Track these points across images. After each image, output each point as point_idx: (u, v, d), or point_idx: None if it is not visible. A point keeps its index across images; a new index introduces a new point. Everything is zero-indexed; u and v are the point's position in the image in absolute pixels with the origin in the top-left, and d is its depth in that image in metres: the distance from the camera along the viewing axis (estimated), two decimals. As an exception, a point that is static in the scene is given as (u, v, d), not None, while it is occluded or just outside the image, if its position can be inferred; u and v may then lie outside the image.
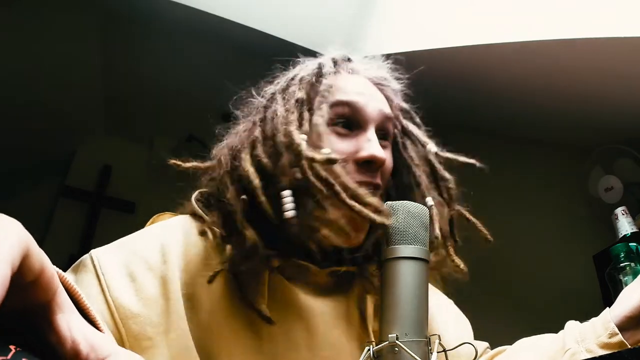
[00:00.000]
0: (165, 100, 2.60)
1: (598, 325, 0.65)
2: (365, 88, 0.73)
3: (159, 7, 1.88)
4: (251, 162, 0.65)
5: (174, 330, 0.59)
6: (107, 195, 2.87)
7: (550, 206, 1.95)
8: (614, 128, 1.64)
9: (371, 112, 0.70)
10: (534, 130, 1.93)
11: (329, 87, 0.69)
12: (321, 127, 0.66)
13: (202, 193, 0.73)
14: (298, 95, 0.69)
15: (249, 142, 0.68)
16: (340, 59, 0.77)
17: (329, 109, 0.68)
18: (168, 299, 0.60)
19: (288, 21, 1.87)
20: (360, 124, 0.69)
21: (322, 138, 0.66)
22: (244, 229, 0.62)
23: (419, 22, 1.69)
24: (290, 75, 0.75)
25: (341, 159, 0.63)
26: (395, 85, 0.79)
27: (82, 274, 0.61)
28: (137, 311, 0.58)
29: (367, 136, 0.68)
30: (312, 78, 0.71)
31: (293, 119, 0.66)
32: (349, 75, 0.75)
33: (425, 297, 0.54)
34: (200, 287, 0.63)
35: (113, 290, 0.59)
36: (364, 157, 0.66)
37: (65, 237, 2.69)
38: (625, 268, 1.22)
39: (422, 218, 0.58)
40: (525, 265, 2.04)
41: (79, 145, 2.90)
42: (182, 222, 0.69)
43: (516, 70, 1.60)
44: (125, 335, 0.57)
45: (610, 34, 1.21)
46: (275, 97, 0.72)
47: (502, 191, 2.13)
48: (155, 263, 0.62)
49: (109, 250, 0.64)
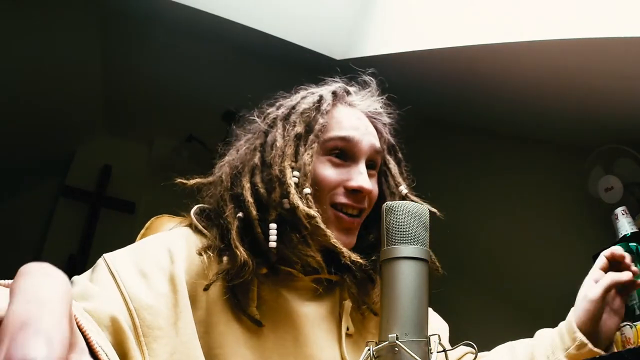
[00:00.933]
0: (165, 100, 2.60)
1: (565, 336, 0.72)
2: (360, 122, 0.81)
3: (159, 7, 1.88)
4: (250, 191, 0.74)
5: (182, 319, 0.64)
6: (107, 195, 2.87)
7: (550, 206, 1.95)
8: (614, 128, 1.64)
9: (364, 147, 0.78)
10: (534, 130, 1.93)
11: (324, 125, 0.78)
12: (313, 162, 0.75)
13: (202, 208, 0.80)
14: (297, 129, 0.77)
15: (249, 168, 0.77)
16: (340, 91, 0.84)
17: (326, 142, 0.78)
18: (176, 292, 0.66)
19: (288, 21, 1.87)
20: (353, 156, 0.78)
21: (315, 171, 0.76)
22: (237, 249, 0.70)
23: (419, 22, 1.69)
24: (292, 104, 0.82)
25: (333, 185, 0.75)
26: (386, 119, 0.87)
27: (97, 274, 0.65)
28: (150, 303, 0.63)
29: (358, 169, 0.77)
30: (312, 113, 0.79)
31: (289, 153, 0.75)
32: (346, 109, 0.83)
33: (425, 297, 0.54)
34: (200, 289, 0.69)
35: (127, 285, 0.63)
36: (354, 187, 0.76)
37: (65, 237, 2.69)
38: (625, 268, 1.22)
39: (422, 218, 0.58)
40: (525, 265, 2.04)
41: (79, 145, 2.91)
42: (184, 232, 0.76)
43: (516, 70, 1.60)
44: (139, 325, 0.60)
45: (610, 34, 1.21)
46: (276, 123, 0.80)
47: (500, 191, 2.13)
48: (163, 263, 0.68)
49: (119, 253, 0.69)
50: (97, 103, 2.70)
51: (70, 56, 2.22)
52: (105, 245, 0.74)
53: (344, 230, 0.76)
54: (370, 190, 0.77)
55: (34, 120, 2.37)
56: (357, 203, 0.76)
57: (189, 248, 0.72)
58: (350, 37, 1.87)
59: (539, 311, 1.88)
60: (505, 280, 2.12)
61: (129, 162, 2.97)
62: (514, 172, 2.06)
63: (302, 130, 0.77)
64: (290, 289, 0.74)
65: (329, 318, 0.75)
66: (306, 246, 0.72)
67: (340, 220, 0.75)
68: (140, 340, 0.59)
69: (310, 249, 0.72)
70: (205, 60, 2.29)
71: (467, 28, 1.52)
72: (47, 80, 2.23)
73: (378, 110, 0.86)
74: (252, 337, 0.69)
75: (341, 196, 0.76)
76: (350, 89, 0.87)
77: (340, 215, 0.75)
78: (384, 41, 1.76)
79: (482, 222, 2.14)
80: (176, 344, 0.62)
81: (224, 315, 0.69)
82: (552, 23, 1.32)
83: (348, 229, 0.76)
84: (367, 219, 0.81)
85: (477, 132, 2.10)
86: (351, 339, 0.75)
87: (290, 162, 0.75)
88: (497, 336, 0.88)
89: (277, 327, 0.71)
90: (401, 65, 1.70)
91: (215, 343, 0.67)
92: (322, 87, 0.87)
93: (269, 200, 0.73)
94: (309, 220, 0.70)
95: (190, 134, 2.68)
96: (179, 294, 0.66)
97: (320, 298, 0.76)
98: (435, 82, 1.84)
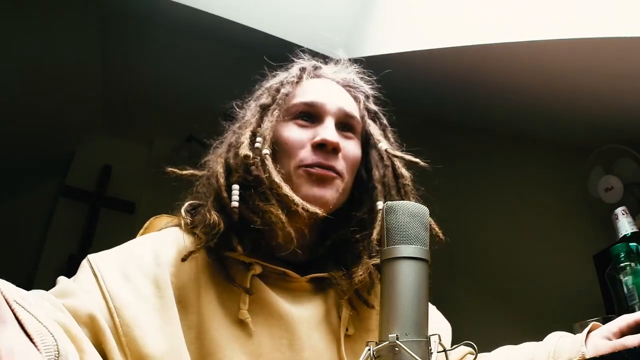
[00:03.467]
0: (165, 100, 2.60)
1: (575, 344, 0.69)
2: (326, 88, 0.82)
3: (159, 7, 1.88)
4: (223, 164, 0.75)
5: (170, 324, 0.63)
6: (107, 195, 2.87)
7: (550, 206, 1.95)
8: (614, 128, 1.64)
9: (329, 107, 0.78)
10: (534, 130, 1.93)
11: (286, 94, 0.80)
12: (276, 127, 0.77)
13: (192, 204, 0.80)
14: (262, 101, 0.80)
15: (226, 147, 0.79)
16: (309, 66, 0.86)
17: (291, 108, 0.79)
18: (162, 297, 0.65)
19: (288, 21, 1.87)
20: (318, 117, 0.78)
21: (280, 134, 0.77)
22: (208, 212, 0.71)
23: (419, 22, 1.69)
24: (265, 85, 0.85)
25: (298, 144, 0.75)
26: (364, 89, 0.87)
27: (80, 274, 0.65)
28: (131, 302, 0.62)
29: (324, 124, 0.77)
30: (277, 85, 0.81)
31: (253, 121, 0.77)
32: (314, 80, 0.84)
33: (425, 297, 0.54)
34: (191, 292, 0.68)
35: (109, 284, 0.62)
36: (317, 141, 0.75)
37: (65, 237, 2.69)
38: (625, 268, 1.22)
39: (422, 218, 0.58)
40: (525, 265, 2.04)
41: (79, 145, 2.90)
42: (172, 233, 0.75)
43: (516, 70, 1.60)
44: (118, 323, 0.59)
45: (610, 34, 1.21)
46: (249, 105, 0.83)
47: (501, 191, 2.13)
48: (148, 267, 0.67)
49: (104, 254, 0.69)
50: (97, 103, 2.70)
51: (70, 56, 2.22)
52: (105, 245, 0.74)
53: (315, 183, 0.73)
54: (335, 142, 0.74)
55: (34, 120, 2.37)
56: (326, 160, 0.74)
57: (177, 250, 0.71)
58: (350, 37, 1.86)
59: (539, 311, 1.88)
60: (505, 280, 2.12)
61: (129, 162, 2.96)
62: (514, 172, 2.06)
63: (267, 102, 0.79)
64: (284, 291, 0.72)
65: (326, 320, 0.73)
66: (265, 202, 0.71)
67: (309, 174, 0.73)
68: (121, 340, 0.58)
69: (269, 205, 0.70)
70: (205, 60, 2.28)
71: (467, 28, 1.52)
72: (47, 80, 2.22)
73: (353, 80, 0.86)
74: (246, 342, 0.67)
75: (309, 155, 0.74)
76: (321, 65, 0.88)
77: (309, 169, 0.73)
78: (384, 41, 1.75)
79: (482, 222, 2.14)
80: (164, 350, 0.61)
81: (216, 319, 0.67)
82: (552, 23, 1.32)
83: (319, 180, 0.73)
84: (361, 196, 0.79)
85: (477, 132, 2.10)
86: (351, 340, 0.73)
87: (253, 129, 0.76)
88: (497, 336, 0.88)
89: (272, 332, 0.69)
90: (401, 65, 1.70)
91: (208, 349, 0.65)
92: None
93: (233, 166, 0.74)
94: (247, 161, 0.71)
95: (190, 134, 2.68)
96: (165, 299, 0.65)
97: (316, 299, 0.74)
98: (435, 82, 1.84)
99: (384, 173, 0.80)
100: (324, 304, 0.74)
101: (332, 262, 0.77)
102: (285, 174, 0.73)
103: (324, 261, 0.77)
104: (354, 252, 0.76)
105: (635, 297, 1.17)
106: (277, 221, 0.70)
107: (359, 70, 0.89)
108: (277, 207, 0.70)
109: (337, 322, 0.74)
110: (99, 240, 2.73)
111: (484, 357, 0.82)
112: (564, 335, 0.74)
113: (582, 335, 0.69)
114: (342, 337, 0.72)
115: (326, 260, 0.77)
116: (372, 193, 0.79)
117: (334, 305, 0.75)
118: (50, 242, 2.66)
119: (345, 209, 0.78)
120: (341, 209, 0.77)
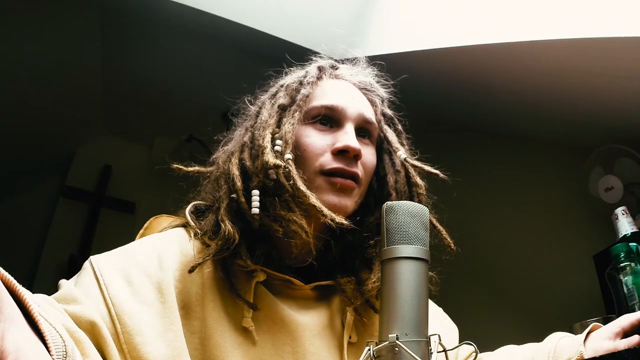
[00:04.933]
0: (165, 100, 2.60)
1: (574, 345, 0.69)
2: (346, 91, 0.80)
3: (159, 7, 1.88)
4: (238, 166, 0.73)
5: (172, 330, 0.62)
6: (107, 195, 2.87)
7: (550, 206, 1.95)
8: (614, 128, 1.64)
9: (350, 112, 0.77)
10: (534, 130, 1.93)
11: (306, 95, 0.77)
12: (297, 130, 0.74)
13: (197, 206, 0.79)
14: (280, 101, 0.77)
15: (239, 147, 0.77)
16: (327, 65, 0.84)
17: (310, 110, 0.76)
18: (164, 302, 0.64)
19: (288, 21, 1.87)
20: (338, 122, 0.77)
21: (300, 138, 0.75)
22: (223, 222, 0.69)
23: (418, 22, 1.69)
24: (280, 83, 0.83)
25: (319, 150, 0.74)
26: (381, 93, 0.85)
27: (82, 277, 0.64)
28: (133, 308, 0.61)
29: (344, 130, 0.76)
30: (296, 85, 0.79)
31: (272, 123, 0.75)
32: (332, 81, 0.82)
33: (425, 297, 0.54)
34: (194, 297, 0.67)
35: (111, 289, 0.61)
36: (339, 147, 0.73)
37: (66, 237, 2.69)
38: (625, 268, 1.22)
39: (422, 218, 0.58)
40: (525, 265, 2.04)
41: (79, 145, 2.90)
42: (178, 234, 0.74)
43: (516, 70, 1.60)
44: (120, 330, 0.59)
45: (610, 34, 1.21)
46: (264, 103, 0.80)
47: (501, 191, 2.13)
48: (151, 270, 0.66)
49: (107, 256, 0.68)
50: (97, 103, 2.70)
51: (70, 56, 2.22)
52: (105, 245, 0.74)
53: (336, 192, 0.73)
54: (357, 149, 0.73)
55: (34, 121, 2.37)
56: (348, 167, 0.73)
57: (182, 254, 0.70)
58: (350, 37, 1.86)
59: (539, 311, 1.88)
60: (506, 280, 2.12)
61: (129, 162, 2.96)
62: (514, 172, 2.06)
63: (285, 102, 0.77)
64: (288, 298, 0.72)
65: (329, 327, 0.72)
66: (288, 211, 0.69)
67: (332, 183, 0.73)
68: (122, 348, 0.58)
69: (293, 214, 0.69)
70: (205, 60, 2.28)
71: (467, 28, 1.52)
72: (48, 81, 2.22)
73: (370, 83, 0.85)
74: (249, 350, 0.66)
75: (330, 161, 0.73)
76: (338, 64, 0.86)
77: (331, 179, 0.73)
78: (384, 41, 1.75)
79: (482, 222, 2.14)
80: (165, 356, 0.60)
81: (220, 326, 0.66)
82: (552, 23, 1.32)
83: (340, 189, 0.73)
84: (369, 201, 0.79)
85: (477, 132, 2.10)
86: (354, 347, 0.73)
87: (272, 130, 0.74)
88: (497, 336, 0.88)
89: (275, 339, 0.68)
90: (401, 65, 1.70)
91: (211, 355, 0.64)
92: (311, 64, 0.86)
93: (251, 169, 0.72)
94: (275, 170, 0.69)
95: (190, 134, 2.68)
96: (167, 304, 0.64)
97: (320, 306, 0.74)
98: (435, 82, 1.84)
99: (396, 179, 0.80)
100: (327, 311, 0.74)
101: (339, 267, 0.76)
102: (306, 179, 0.72)
103: (329, 267, 0.76)
104: (364, 258, 0.76)
105: (635, 297, 1.17)
106: (301, 231, 0.69)
107: (376, 72, 0.88)
108: (300, 217, 0.69)
109: (341, 329, 0.73)
110: (99, 240, 2.73)
111: (487, 356, 0.82)
112: (565, 335, 0.74)
113: (582, 335, 0.69)
114: (346, 343, 0.71)
115: (332, 266, 0.76)
116: (387, 200, 0.77)
117: (338, 311, 0.74)
118: (50, 242, 2.66)
119: (354, 214, 0.77)
120: (351, 215, 0.76)
